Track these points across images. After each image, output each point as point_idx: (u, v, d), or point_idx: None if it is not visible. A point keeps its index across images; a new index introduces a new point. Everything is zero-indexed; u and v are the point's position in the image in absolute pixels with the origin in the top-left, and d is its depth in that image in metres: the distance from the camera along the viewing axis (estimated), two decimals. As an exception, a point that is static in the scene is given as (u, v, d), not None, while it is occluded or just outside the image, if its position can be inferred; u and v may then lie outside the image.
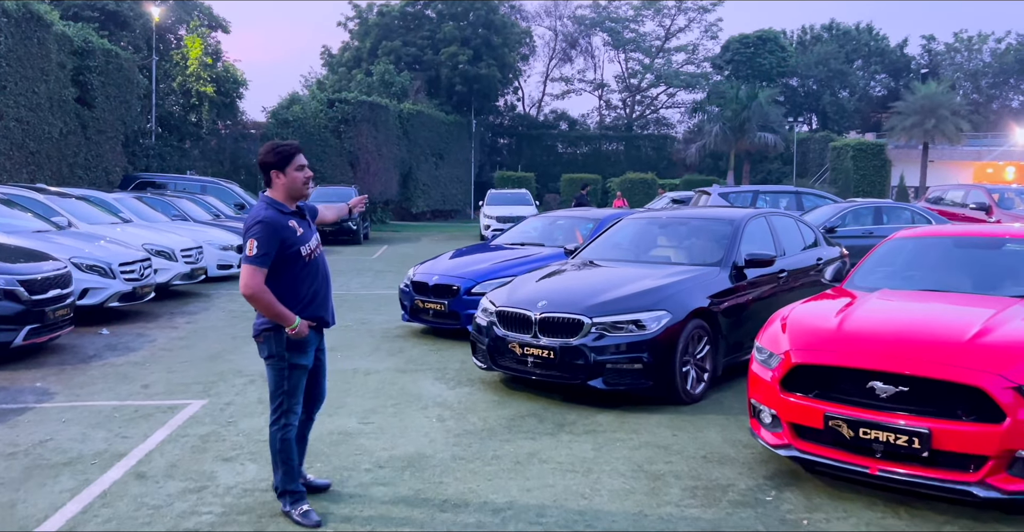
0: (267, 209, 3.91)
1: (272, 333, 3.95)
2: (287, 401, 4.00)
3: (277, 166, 3.93)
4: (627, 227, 8.05)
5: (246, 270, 3.80)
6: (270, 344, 3.96)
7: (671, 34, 54.33)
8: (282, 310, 3.85)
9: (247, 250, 3.81)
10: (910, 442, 3.98)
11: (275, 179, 3.95)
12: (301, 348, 3.98)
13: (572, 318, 6.03)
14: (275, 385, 4.00)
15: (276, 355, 3.96)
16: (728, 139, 38.60)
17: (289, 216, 3.97)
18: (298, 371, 4.01)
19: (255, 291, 3.78)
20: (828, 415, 4.23)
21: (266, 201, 3.97)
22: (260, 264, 3.79)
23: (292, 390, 4.00)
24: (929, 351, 4.15)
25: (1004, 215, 16.21)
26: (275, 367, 3.98)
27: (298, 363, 3.99)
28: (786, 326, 4.80)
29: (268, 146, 3.96)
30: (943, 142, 38.77)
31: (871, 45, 54.72)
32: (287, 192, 3.98)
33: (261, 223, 3.83)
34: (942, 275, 5.49)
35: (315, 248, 4.05)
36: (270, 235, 3.81)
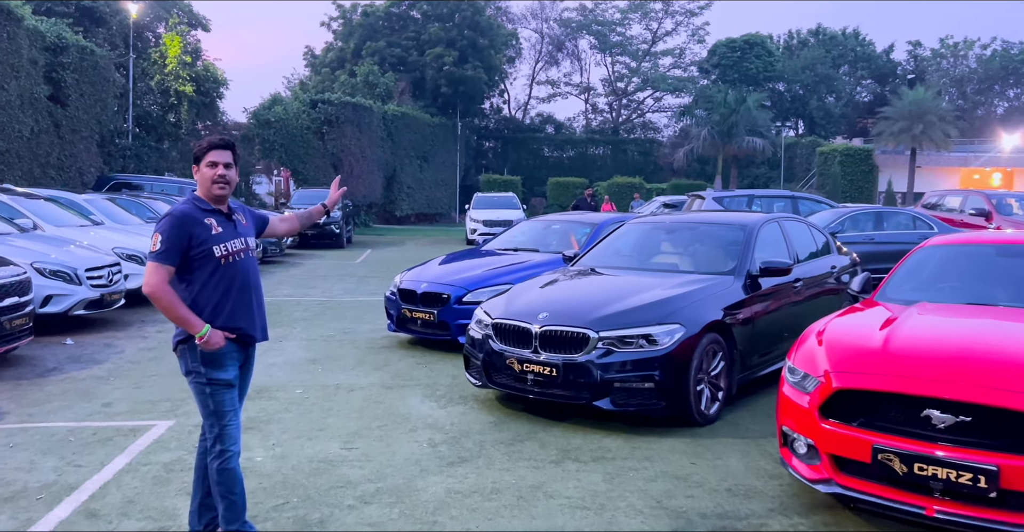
0: (184, 203, 3.58)
1: (186, 346, 3.51)
2: (218, 424, 3.52)
3: (195, 160, 3.60)
4: (630, 232, 7.53)
5: (149, 268, 3.44)
6: (185, 358, 3.54)
7: (658, 38, 54.08)
8: (186, 314, 3.43)
9: (151, 244, 3.47)
10: (975, 480, 3.47)
11: (196, 175, 3.63)
12: (218, 362, 3.50)
13: (577, 332, 5.50)
14: (201, 405, 3.56)
15: (193, 371, 3.52)
16: (716, 143, 38.27)
17: (208, 213, 3.56)
18: (220, 387, 3.52)
19: (155, 290, 3.39)
20: (877, 447, 3.72)
21: (188, 196, 3.69)
22: (163, 260, 3.41)
23: (219, 410, 3.52)
24: (994, 376, 3.65)
25: (1004, 221, 15.86)
26: (194, 384, 3.55)
27: (217, 378, 3.51)
28: (823, 344, 4.29)
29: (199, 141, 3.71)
30: (931, 148, 38.62)
31: (857, 50, 54.68)
32: (203, 190, 3.60)
33: (169, 216, 3.48)
34: (985, 287, 5.01)
35: (236, 251, 3.58)
36: (176, 229, 3.43)
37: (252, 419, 5.74)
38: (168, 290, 3.41)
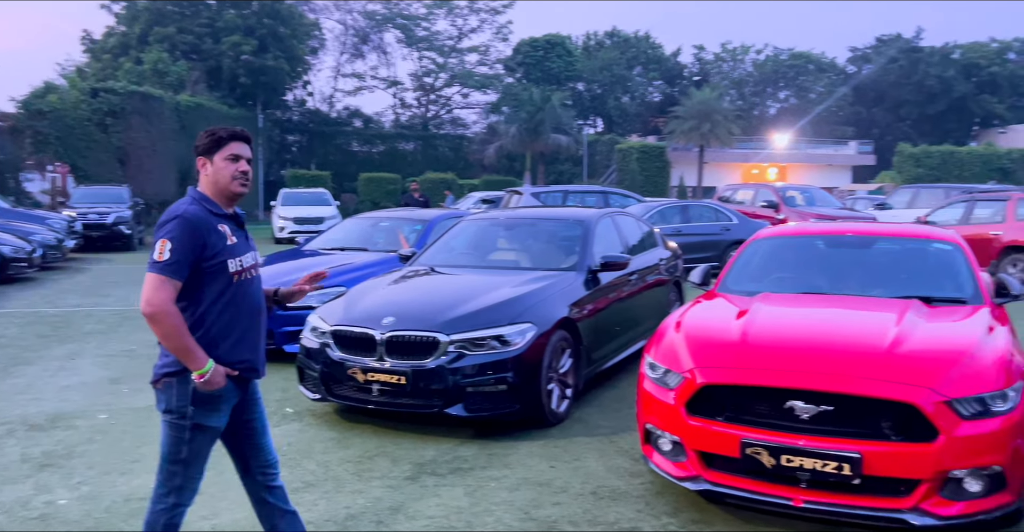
0: (191, 204, 2.88)
1: (175, 380, 2.85)
2: (182, 474, 2.91)
3: (205, 152, 2.96)
4: (467, 229, 7.29)
5: (151, 281, 2.76)
6: (170, 394, 2.86)
7: (464, 34, 54.32)
8: (192, 345, 2.78)
9: (155, 253, 2.78)
10: (839, 468, 3.54)
11: (201, 169, 2.97)
12: (212, 404, 2.88)
13: (426, 336, 5.18)
14: (170, 450, 2.90)
15: (177, 410, 2.86)
16: (524, 140, 39.02)
17: (220, 218, 2.92)
18: (205, 435, 2.91)
19: (159, 310, 2.74)
20: (745, 442, 3.71)
21: (192, 195, 2.95)
22: (171, 273, 2.76)
23: (192, 459, 2.90)
24: (851, 364, 3.75)
25: (790, 212, 17.23)
26: (174, 426, 2.89)
27: (206, 425, 2.89)
28: (684, 339, 4.26)
29: (205, 130, 2.99)
30: (717, 145, 41.65)
31: (649, 52, 57.86)
32: (215, 188, 2.95)
33: (179, 219, 2.80)
34: (817, 276, 5.23)
35: (249, 268, 2.99)
36: (189, 236, 2.78)
37: (48, 454, 4.93)
38: (175, 311, 2.75)
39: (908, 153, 40.40)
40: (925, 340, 3.93)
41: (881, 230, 5.97)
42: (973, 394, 3.54)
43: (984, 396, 3.55)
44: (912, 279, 4.99)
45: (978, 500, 3.52)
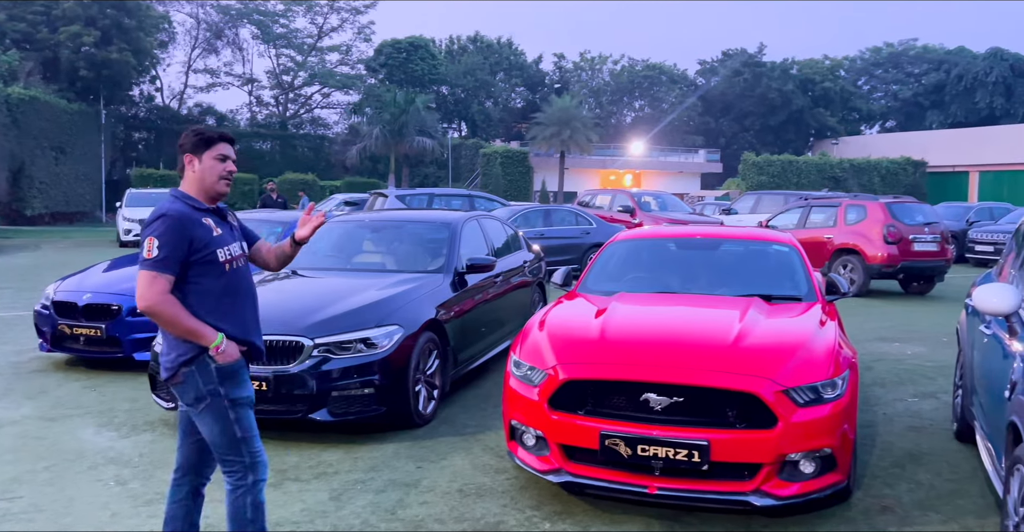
0: (174, 203, 3.00)
1: (194, 367, 2.96)
2: (247, 449, 3.02)
3: (193, 150, 3.06)
4: (332, 231, 7.18)
5: (143, 278, 2.88)
6: (195, 382, 2.97)
7: (324, 33, 53.27)
8: (195, 324, 2.93)
9: (144, 250, 2.90)
10: (690, 456, 3.77)
11: (188, 167, 3.07)
12: (238, 377, 3.03)
13: (289, 340, 5.08)
14: (222, 434, 3.00)
15: (208, 394, 2.97)
16: (388, 142, 38.75)
17: (203, 212, 3.04)
18: (243, 407, 3.03)
19: (153, 303, 2.87)
20: (604, 434, 3.88)
21: (175, 194, 3.07)
22: (162, 269, 2.88)
23: (247, 436, 3.01)
24: (699, 358, 4.01)
25: (645, 217, 17.99)
26: (213, 410, 2.98)
27: (239, 397, 3.02)
28: (547, 337, 4.41)
29: (190, 129, 3.12)
30: (576, 151, 42.84)
31: (511, 59, 58.79)
32: (200, 185, 3.06)
33: (165, 217, 2.92)
34: (670, 276, 5.52)
35: (237, 256, 3.11)
36: (176, 232, 2.91)
37: None
38: (170, 300, 2.88)
39: (752, 161, 42.95)
40: (765, 335, 4.25)
41: (726, 233, 6.38)
42: (807, 383, 3.87)
43: (816, 385, 3.88)
44: (754, 279, 5.37)
45: (812, 480, 3.85)
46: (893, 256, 12.64)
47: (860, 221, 13.08)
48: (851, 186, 41.33)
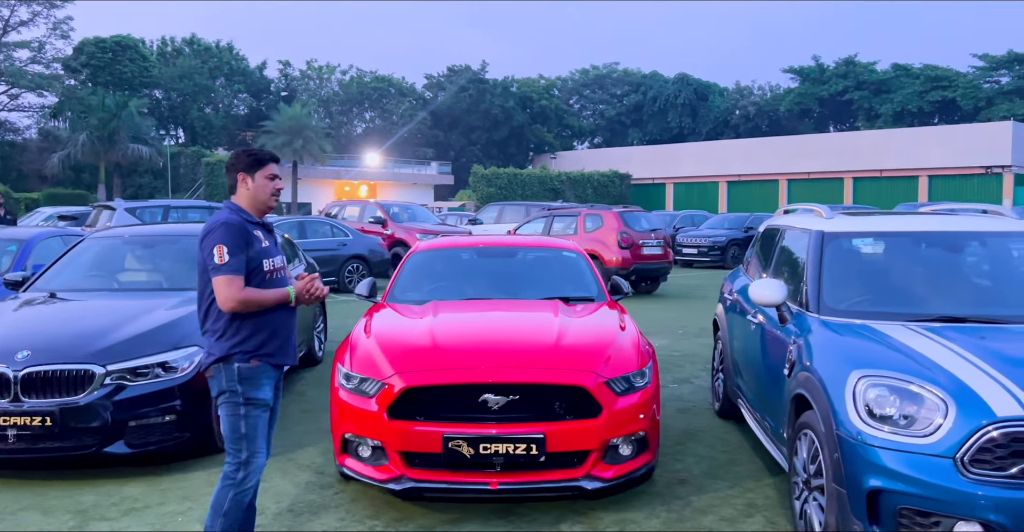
0: (230, 214, 3.36)
1: (222, 365, 3.31)
2: (248, 448, 3.32)
3: (247, 169, 3.41)
4: (91, 248, 6.52)
5: (221, 283, 3.23)
6: (219, 377, 3.33)
7: (11, 27, 47.01)
8: (274, 294, 3.34)
9: (215, 258, 3.23)
10: (528, 449, 4.02)
11: (241, 184, 3.43)
12: (255, 381, 3.33)
13: (77, 370, 4.60)
14: (231, 428, 3.33)
15: (228, 390, 3.32)
16: (96, 150, 35.23)
17: (254, 225, 3.41)
18: (256, 409, 3.35)
19: (238, 301, 3.22)
20: (448, 436, 4.02)
21: (230, 207, 3.43)
22: (235, 272, 3.23)
23: (251, 434, 3.33)
24: (529, 358, 4.28)
25: (397, 228, 18.19)
26: (228, 405, 3.33)
27: (255, 398, 3.34)
28: (378, 347, 4.45)
29: (241, 150, 3.52)
30: (310, 161, 41.92)
31: (232, 64, 56.10)
32: (252, 201, 3.44)
33: (224, 226, 3.28)
34: (474, 283, 5.77)
35: (279, 267, 3.50)
36: (238, 239, 3.27)
37: None
38: (247, 293, 3.24)
39: (481, 174, 44.86)
40: (580, 333, 4.65)
41: (520, 242, 6.78)
42: (622, 374, 4.30)
43: (629, 375, 4.33)
44: (551, 283, 5.78)
45: (630, 461, 4.28)
46: (627, 259, 14.00)
47: (598, 229, 14.33)
48: (569, 197, 44.66)
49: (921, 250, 4.59)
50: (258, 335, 3.33)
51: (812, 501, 3.68)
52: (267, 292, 3.31)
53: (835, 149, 43.55)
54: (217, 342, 3.32)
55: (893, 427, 3.22)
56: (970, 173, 39.35)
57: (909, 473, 3.11)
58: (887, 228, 4.68)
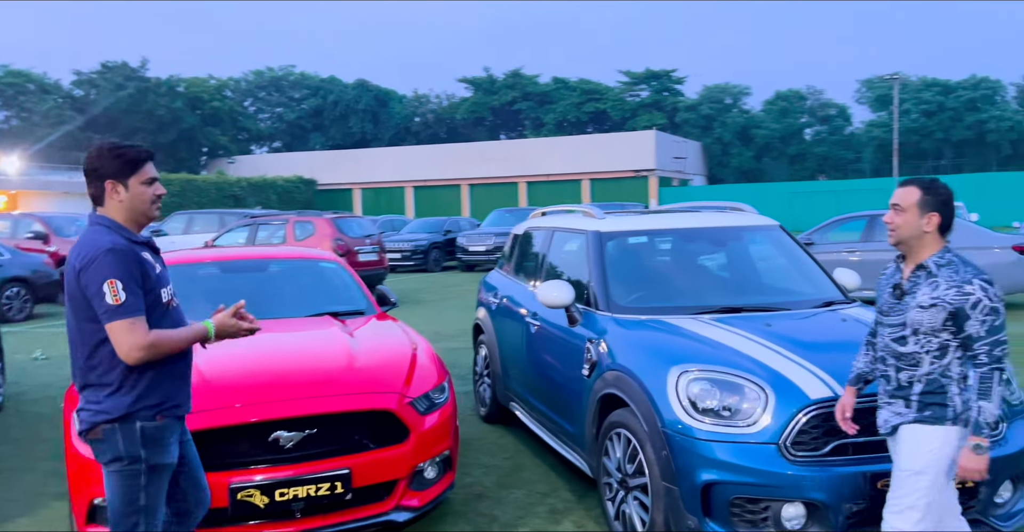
0: (105, 234, 2.58)
1: (118, 424, 2.58)
2: (144, 521, 2.64)
3: (116, 176, 2.61)
4: None
5: (121, 328, 2.49)
6: (114, 442, 2.59)
7: None
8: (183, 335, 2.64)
9: (107, 297, 2.48)
10: (332, 488, 3.56)
11: (110, 194, 2.63)
12: (162, 442, 2.65)
13: None
14: (125, 501, 2.61)
15: (127, 457, 2.59)
16: None
17: (140, 246, 2.65)
18: (160, 476, 2.67)
19: (149, 345, 2.51)
20: (235, 487, 3.42)
21: (104, 223, 2.63)
22: (136, 312, 2.52)
23: (151, 505, 2.65)
24: (323, 385, 3.79)
25: (63, 242, 15.77)
26: (126, 474, 2.60)
27: (160, 463, 2.66)
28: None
29: (103, 146, 2.64)
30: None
31: None
32: (129, 213, 2.66)
33: (111, 254, 2.52)
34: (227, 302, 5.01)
35: (173, 296, 2.77)
36: (130, 269, 2.54)
37: None
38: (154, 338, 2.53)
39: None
40: (372, 351, 4.23)
41: (269, 253, 6.07)
42: (424, 392, 3.99)
43: (430, 393, 4.03)
44: (315, 297, 5.24)
45: (437, 484, 3.99)
46: (342, 268, 13.50)
47: (309, 236, 13.66)
48: (251, 203, 42.52)
49: (690, 245, 4.87)
50: (163, 385, 2.64)
51: (632, 501, 3.69)
52: (178, 333, 2.63)
53: (509, 155, 46.48)
54: (111, 397, 2.59)
55: (718, 419, 3.31)
56: (623, 176, 44.27)
57: (739, 463, 3.21)
58: (658, 226, 4.90)
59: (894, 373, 2.84)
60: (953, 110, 53.08)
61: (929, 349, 2.74)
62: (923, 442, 2.73)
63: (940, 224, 2.78)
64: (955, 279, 2.69)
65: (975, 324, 2.65)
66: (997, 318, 2.66)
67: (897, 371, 2.82)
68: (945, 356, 2.73)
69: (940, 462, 2.72)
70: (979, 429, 2.63)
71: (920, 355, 2.76)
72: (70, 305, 2.63)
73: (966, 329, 2.67)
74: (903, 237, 2.81)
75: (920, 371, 2.76)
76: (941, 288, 2.70)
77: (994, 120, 52.41)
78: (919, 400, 2.77)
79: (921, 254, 2.79)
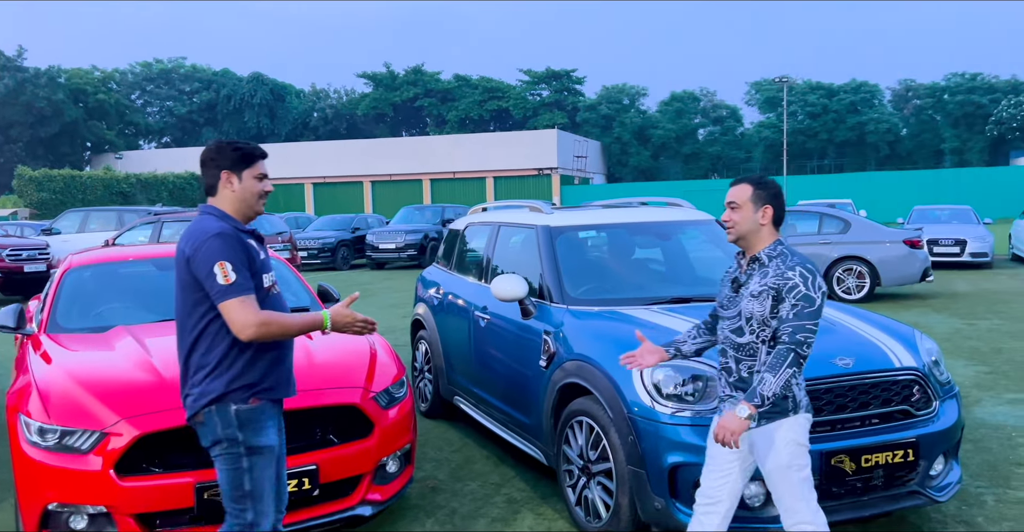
0: (214, 221, 2.70)
1: (214, 407, 2.65)
2: (253, 507, 2.69)
3: (232, 167, 2.76)
4: None
5: (234, 306, 2.58)
6: (213, 425, 2.68)
7: None
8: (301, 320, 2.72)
9: (219, 277, 2.59)
10: (300, 484, 3.52)
11: (224, 185, 2.78)
12: (258, 424, 2.69)
13: None
14: (231, 486, 2.69)
15: (226, 439, 2.67)
16: None
17: (246, 235, 2.77)
18: (262, 459, 2.70)
19: (259, 323, 2.59)
20: (201, 486, 3.34)
21: (213, 212, 2.77)
22: (247, 291, 2.61)
23: (258, 490, 2.69)
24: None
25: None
26: (228, 457, 2.69)
27: (259, 445, 2.69)
28: (87, 390, 3.50)
29: (222, 141, 2.82)
30: None
31: None
32: (239, 205, 2.78)
33: (219, 238, 2.63)
34: (160, 301, 4.84)
35: (275, 283, 2.82)
36: (239, 252, 2.65)
37: None
38: (269, 315, 2.63)
39: (29, 177, 38.61)
40: (331, 348, 4.17)
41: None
42: (385, 387, 3.99)
43: (391, 388, 4.03)
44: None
45: (399, 478, 4.01)
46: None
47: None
48: (141, 200, 40.78)
49: (636, 238, 5.03)
50: (257, 367, 2.71)
51: (595, 486, 3.80)
52: (291, 317, 2.70)
53: (412, 152, 46.19)
54: (208, 379, 2.68)
55: (682, 403, 3.46)
56: (526, 174, 44.72)
57: (704, 445, 3.36)
58: (605, 221, 5.03)
59: (734, 365, 2.91)
60: (836, 112, 56.13)
61: (764, 338, 2.83)
62: (776, 439, 2.81)
63: (774, 216, 2.89)
64: (782, 267, 2.80)
65: (787, 306, 2.74)
66: (808, 307, 2.72)
67: (737, 362, 2.91)
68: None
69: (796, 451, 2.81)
70: (753, 397, 2.69)
71: (756, 345, 2.84)
72: (180, 292, 2.72)
73: (779, 311, 2.76)
74: (742, 232, 2.90)
75: (757, 362, 2.84)
76: (769, 276, 2.81)
77: (873, 122, 55.75)
78: None
79: (757, 247, 2.90)
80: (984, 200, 33.01)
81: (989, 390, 6.55)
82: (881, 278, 11.59)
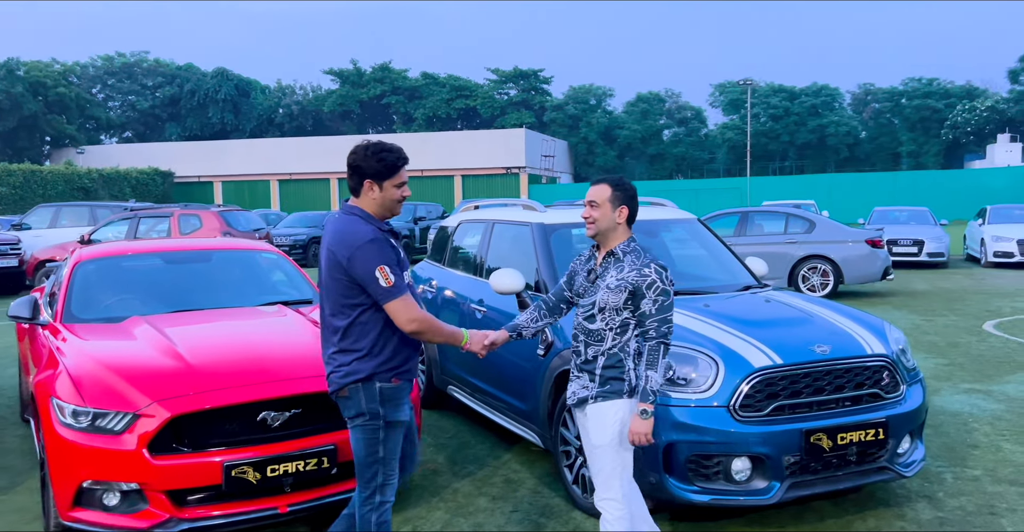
0: (359, 224, 3.00)
1: (361, 385, 3.00)
2: (383, 472, 3.06)
3: (376, 177, 3.00)
4: None
5: (398, 306, 2.94)
6: (358, 398, 3.01)
7: None
8: (449, 329, 3.16)
9: (380, 281, 2.90)
10: (320, 463, 3.76)
11: (368, 190, 3.02)
12: (398, 401, 3.07)
13: None
14: (367, 453, 3.05)
15: (368, 412, 3.01)
16: None
17: (388, 234, 3.05)
18: (396, 431, 3.08)
19: (422, 319, 2.99)
20: (230, 464, 3.56)
21: (358, 214, 3.04)
22: (405, 291, 2.96)
23: (389, 457, 3.07)
24: (303, 366, 3.95)
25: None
26: (367, 429, 3.03)
27: (396, 420, 3.07)
28: (120, 375, 3.71)
29: (368, 147, 3.00)
30: None
31: None
32: (378, 208, 3.06)
33: (373, 243, 2.94)
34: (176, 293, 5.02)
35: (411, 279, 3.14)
36: (390, 255, 2.98)
37: None
38: (426, 315, 3.03)
39: (-12, 171, 37.93)
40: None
41: (209, 245, 6.01)
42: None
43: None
44: (263, 287, 5.33)
45: (408, 458, 4.25)
46: (230, 262, 13.25)
47: (196, 231, 13.32)
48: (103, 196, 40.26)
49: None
50: (402, 352, 3.08)
51: (592, 464, 4.09)
52: (443, 325, 3.13)
53: (381, 150, 46.05)
54: (359, 361, 3.00)
55: (676, 387, 3.77)
56: (494, 173, 44.93)
57: (696, 424, 3.68)
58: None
59: (583, 348, 3.15)
60: (797, 115, 57.30)
61: (612, 326, 3.09)
62: (607, 417, 3.08)
63: (628, 216, 3.16)
64: (636, 263, 3.08)
65: (648, 303, 3.01)
66: (667, 299, 3.02)
67: (586, 346, 3.14)
68: (625, 333, 3.10)
69: (623, 432, 3.09)
70: (646, 396, 2.97)
71: (605, 332, 3.09)
72: (332, 283, 2.98)
73: (641, 307, 3.02)
74: (601, 229, 3.16)
75: (604, 346, 3.10)
76: (625, 271, 3.08)
77: (833, 125, 57.02)
78: (601, 375, 3.09)
79: (613, 243, 3.17)
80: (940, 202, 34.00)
81: (947, 380, 6.99)
82: (844, 276, 12.07)
